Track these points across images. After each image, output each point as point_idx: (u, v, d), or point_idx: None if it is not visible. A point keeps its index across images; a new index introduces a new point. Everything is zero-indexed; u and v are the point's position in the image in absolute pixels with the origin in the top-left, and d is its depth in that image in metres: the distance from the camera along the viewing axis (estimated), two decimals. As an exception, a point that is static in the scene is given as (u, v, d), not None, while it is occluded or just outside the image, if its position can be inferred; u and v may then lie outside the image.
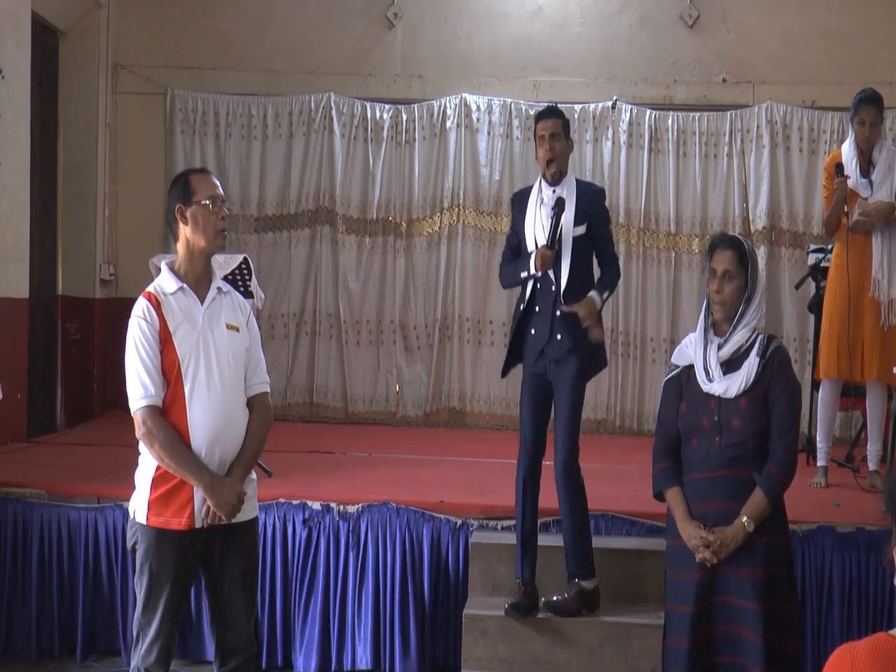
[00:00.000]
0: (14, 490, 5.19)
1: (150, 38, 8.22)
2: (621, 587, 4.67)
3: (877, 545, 4.69)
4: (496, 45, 8.17)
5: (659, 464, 3.75)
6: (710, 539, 3.54)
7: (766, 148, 7.87)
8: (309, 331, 8.18)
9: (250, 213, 8.16)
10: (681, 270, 8.01)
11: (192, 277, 3.54)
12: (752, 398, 3.63)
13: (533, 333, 4.51)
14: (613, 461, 6.41)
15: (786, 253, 7.92)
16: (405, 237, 8.17)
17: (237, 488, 3.44)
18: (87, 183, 7.99)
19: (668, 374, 3.81)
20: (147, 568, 3.44)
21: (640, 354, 7.99)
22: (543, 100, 8.07)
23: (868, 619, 4.68)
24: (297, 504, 4.99)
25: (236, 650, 3.56)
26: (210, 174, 3.64)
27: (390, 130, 8.13)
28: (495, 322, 8.08)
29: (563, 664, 4.52)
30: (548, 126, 4.53)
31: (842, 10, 7.95)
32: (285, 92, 8.16)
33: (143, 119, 8.21)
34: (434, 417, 8.11)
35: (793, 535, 4.69)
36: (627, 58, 8.11)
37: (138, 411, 3.41)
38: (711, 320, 3.73)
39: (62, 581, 5.09)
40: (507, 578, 4.72)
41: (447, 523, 4.93)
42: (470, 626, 4.57)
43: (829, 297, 5.65)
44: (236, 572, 3.54)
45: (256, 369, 3.62)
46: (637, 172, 8.01)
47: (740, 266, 3.68)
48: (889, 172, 5.52)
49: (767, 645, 3.51)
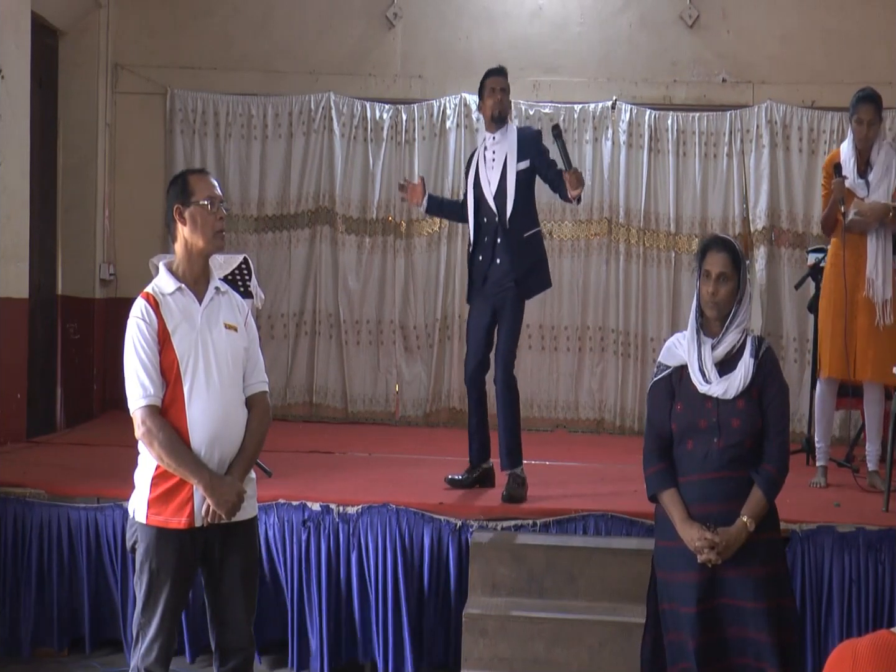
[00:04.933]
0: (14, 490, 5.19)
1: (150, 38, 8.23)
2: (621, 587, 4.67)
3: (876, 545, 4.70)
4: (496, 45, 8.16)
5: (652, 466, 3.73)
6: (716, 540, 3.53)
7: (766, 148, 7.87)
8: (308, 331, 8.18)
9: (250, 213, 8.17)
10: (681, 270, 8.00)
11: (191, 278, 3.54)
12: (748, 399, 3.63)
13: (480, 259, 5.33)
14: (613, 461, 6.41)
15: (786, 253, 7.92)
16: (405, 237, 8.17)
17: (237, 487, 3.44)
18: (87, 183, 8.00)
19: (656, 375, 3.78)
20: (147, 567, 3.44)
21: (641, 354, 7.99)
22: (543, 100, 8.10)
23: (868, 619, 4.67)
24: (296, 505, 4.98)
25: (236, 649, 3.55)
26: (208, 174, 3.64)
27: (390, 130, 8.13)
28: (495, 322, 8.08)
29: (563, 664, 4.52)
30: (499, 82, 5.35)
31: (841, 10, 7.96)
32: (285, 92, 8.17)
33: (142, 119, 8.22)
34: (434, 417, 8.11)
35: (793, 535, 4.72)
36: (627, 58, 8.12)
37: (137, 411, 3.41)
38: (701, 321, 3.73)
39: (62, 581, 5.09)
40: (508, 578, 4.73)
41: (447, 524, 4.93)
42: (470, 626, 4.57)
43: (825, 296, 5.66)
44: (236, 571, 3.53)
45: (255, 369, 3.62)
46: (637, 172, 8.01)
47: (734, 268, 3.69)
48: (886, 174, 5.52)
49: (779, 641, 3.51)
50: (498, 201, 5.28)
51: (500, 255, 5.28)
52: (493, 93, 5.33)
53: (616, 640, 4.49)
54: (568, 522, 4.97)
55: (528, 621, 4.56)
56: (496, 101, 5.32)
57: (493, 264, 5.29)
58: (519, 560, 4.76)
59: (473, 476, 5.45)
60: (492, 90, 5.33)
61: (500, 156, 5.31)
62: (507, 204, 5.26)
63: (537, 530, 4.94)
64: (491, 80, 5.36)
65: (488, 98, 5.34)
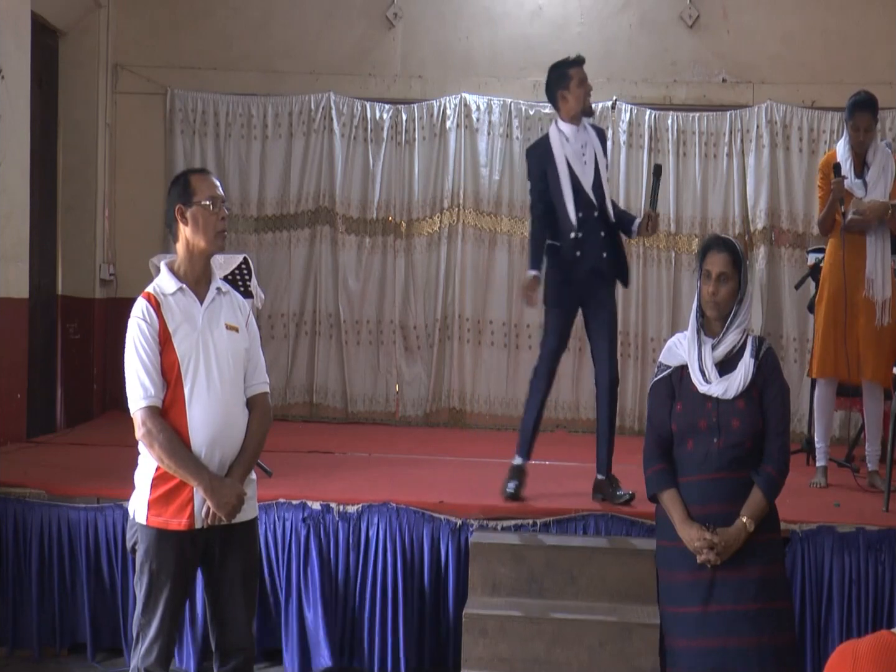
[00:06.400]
0: (14, 490, 5.19)
1: (150, 38, 8.23)
2: (621, 587, 4.68)
3: (876, 545, 4.70)
4: (496, 45, 8.17)
5: (652, 466, 3.73)
6: (715, 541, 3.53)
7: (766, 148, 7.87)
8: (309, 331, 8.18)
9: (250, 213, 8.17)
10: (681, 270, 8.01)
11: (192, 278, 3.54)
12: (748, 399, 3.63)
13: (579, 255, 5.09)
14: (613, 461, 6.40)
15: (786, 253, 7.92)
16: (405, 237, 8.17)
17: (237, 489, 3.44)
18: (87, 183, 8.00)
19: (657, 375, 3.79)
20: (147, 568, 3.44)
21: (641, 354, 7.99)
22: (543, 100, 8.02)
23: (868, 619, 4.67)
24: (297, 504, 4.99)
25: (236, 650, 3.55)
26: (210, 174, 3.64)
27: (390, 130, 8.13)
28: (495, 322, 8.09)
29: (563, 664, 4.52)
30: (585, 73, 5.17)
31: (841, 10, 7.96)
32: (285, 92, 8.17)
33: (143, 119, 8.22)
34: (434, 417, 8.11)
35: (793, 536, 4.72)
36: (627, 58, 8.11)
37: (138, 412, 3.41)
38: (702, 321, 3.73)
39: (63, 581, 5.09)
40: (508, 578, 4.73)
41: (447, 523, 4.93)
42: (470, 626, 4.57)
43: (823, 296, 5.66)
44: (236, 572, 3.53)
45: (256, 369, 3.61)
46: (637, 172, 8.01)
47: (734, 268, 3.69)
48: (883, 173, 5.53)
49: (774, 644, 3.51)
50: (596, 194, 5.14)
51: (607, 249, 5.15)
52: (584, 83, 5.15)
53: (616, 640, 4.49)
54: (568, 522, 4.97)
55: (528, 621, 4.55)
56: (587, 92, 5.15)
57: (600, 259, 5.13)
58: (519, 560, 4.76)
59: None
60: (581, 80, 5.14)
61: (589, 149, 5.19)
62: (605, 197, 5.16)
63: (537, 530, 4.94)
64: (577, 71, 5.17)
65: (578, 88, 5.14)
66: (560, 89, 5.18)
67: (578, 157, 5.15)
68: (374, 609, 4.92)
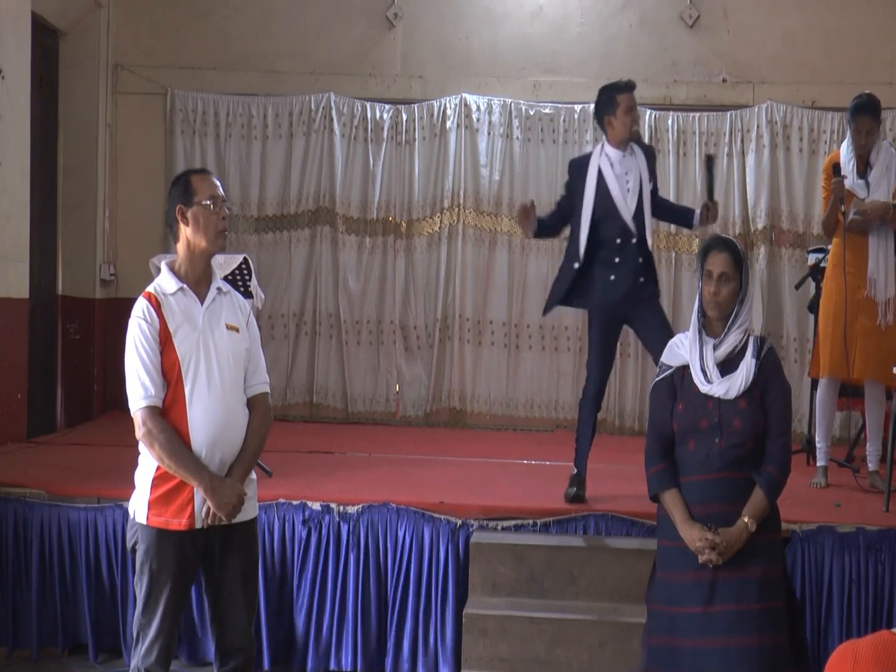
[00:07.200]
0: (14, 490, 5.19)
1: (150, 38, 8.23)
2: (621, 587, 4.67)
3: (877, 545, 4.69)
4: (496, 45, 8.17)
5: (654, 466, 3.73)
6: (717, 541, 3.53)
7: (766, 148, 7.87)
8: (309, 331, 8.18)
9: (250, 213, 8.17)
10: (681, 270, 8.01)
11: (193, 278, 3.54)
12: (750, 399, 3.63)
13: (613, 279, 5.13)
14: (613, 461, 6.39)
15: (786, 253, 7.92)
16: (405, 237, 8.17)
17: (237, 489, 3.44)
18: (87, 183, 7.99)
19: (658, 375, 3.79)
20: (147, 568, 3.44)
21: (641, 354, 7.98)
22: (543, 100, 8.10)
23: (868, 619, 4.67)
24: (297, 504, 4.98)
25: (236, 650, 3.56)
26: (210, 174, 3.64)
27: (390, 130, 8.13)
28: (495, 322, 8.09)
29: (563, 664, 4.52)
30: (635, 99, 5.17)
31: (841, 10, 7.95)
32: (285, 92, 8.17)
33: (143, 119, 8.22)
34: (434, 417, 8.11)
35: (793, 536, 4.72)
36: (627, 58, 8.11)
37: (138, 412, 3.41)
38: (703, 321, 3.74)
39: (63, 581, 5.09)
40: (508, 578, 4.73)
41: (447, 524, 4.93)
42: (470, 626, 4.57)
43: (826, 296, 5.66)
44: (236, 572, 3.54)
45: (256, 369, 3.61)
46: (637, 172, 8.00)
47: (735, 268, 3.70)
48: (886, 173, 5.53)
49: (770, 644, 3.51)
50: (637, 221, 5.12)
51: (644, 275, 5.18)
52: (632, 111, 5.11)
53: (616, 640, 4.49)
54: (568, 522, 4.97)
55: (528, 621, 4.56)
56: (635, 119, 5.13)
57: (636, 283, 5.15)
58: (519, 560, 4.76)
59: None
60: (629, 108, 5.10)
61: (634, 176, 5.15)
62: (645, 225, 5.14)
63: (537, 530, 4.94)
64: (626, 97, 5.11)
65: (625, 115, 5.10)
66: (607, 114, 5.14)
67: (622, 185, 5.14)
68: (375, 609, 4.91)
